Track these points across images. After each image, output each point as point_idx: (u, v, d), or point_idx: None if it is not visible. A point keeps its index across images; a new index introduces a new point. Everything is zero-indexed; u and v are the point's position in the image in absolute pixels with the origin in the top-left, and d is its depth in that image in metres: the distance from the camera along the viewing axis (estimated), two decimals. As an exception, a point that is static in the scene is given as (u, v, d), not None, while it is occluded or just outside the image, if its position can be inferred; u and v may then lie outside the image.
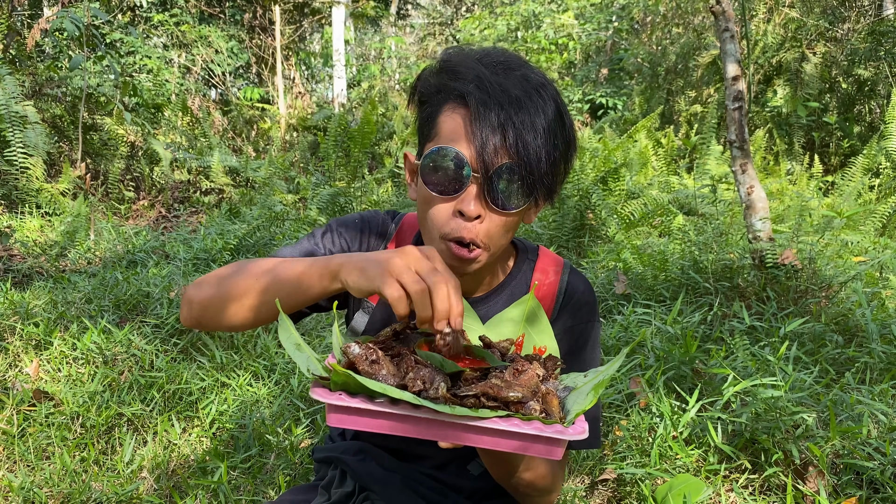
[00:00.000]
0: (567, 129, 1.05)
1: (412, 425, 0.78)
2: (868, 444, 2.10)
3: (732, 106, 3.31)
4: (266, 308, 1.05)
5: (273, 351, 3.05)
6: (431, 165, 1.02)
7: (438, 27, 19.58)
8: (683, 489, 2.00)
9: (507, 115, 0.97)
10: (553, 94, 1.03)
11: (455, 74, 1.03)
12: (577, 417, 0.82)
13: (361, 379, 0.77)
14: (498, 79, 1.00)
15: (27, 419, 2.46)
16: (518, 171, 0.99)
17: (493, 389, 0.79)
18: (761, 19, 9.21)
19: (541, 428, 0.78)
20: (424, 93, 1.09)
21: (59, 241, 4.95)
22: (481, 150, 0.97)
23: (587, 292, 1.24)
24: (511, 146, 0.97)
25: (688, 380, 2.63)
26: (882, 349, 2.74)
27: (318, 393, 0.79)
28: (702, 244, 3.82)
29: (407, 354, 0.86)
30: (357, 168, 7.63)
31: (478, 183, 1.00)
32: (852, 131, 8.32)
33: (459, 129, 1.01)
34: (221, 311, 1.07)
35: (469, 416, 0.76)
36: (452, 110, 1.03)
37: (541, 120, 0.99)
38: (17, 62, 6.76)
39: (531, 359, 0.96)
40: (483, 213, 1.02)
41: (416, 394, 0.78)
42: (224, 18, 12.73)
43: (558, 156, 1.03)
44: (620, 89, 11.76)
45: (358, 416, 0.78)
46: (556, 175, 1.04)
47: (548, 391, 0.86)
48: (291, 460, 2.32)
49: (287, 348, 0.86)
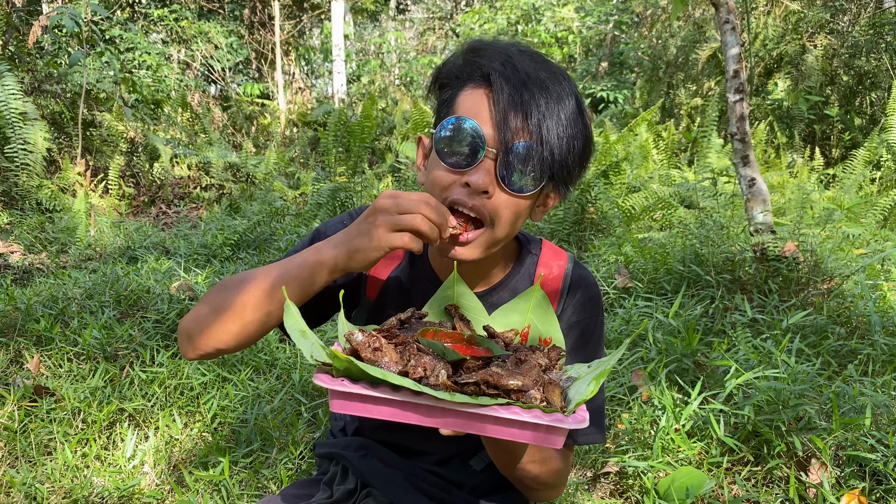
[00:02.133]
0: (586, 125, 1.03)
1: (412, 412, 0.78)
2: (871, 435, 2.09)
3: (733, 98, 3.29)
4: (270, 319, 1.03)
5: (274, 346, 3.04)
6: (447, 136, 0.99)
7: (438, 21, 19.53)
8: (686, 482, 2.00)
9: (532, 96, 0.96)
10: (573, 89, 1.02)
11: (482, 53, 1.02)
12: (578, 407, 0.82)
13: (363, 365, 0.77)
14: (525, 60, 0.99)
15: (29, 415, 2.46)
16: (536, 153, 0.96)
17: (493, 377, 0.79)
18: (762, 11, 9.18)
19: (540, 416, 0.77)
20: (447, 75, 1.07)
21: (59, 237, 4.95)
22: (502, 126, 0.95)
23: (592, 286, 1.23)
24: (533, 127, 0.95)
25: (690, 373, 2.63)
26: (884, 341, 2.73)
27: (321, 379, 0.80)
28: (703, 237, 3.81)
29: (410, 342, 0.86)
30: (357, 163, 7.62)
31: (493, 159, 0.98)
32: (853, 124, 8.30)
33: (480, 105, 0.99)
34: (221, 333, 1.04)
35: (468, 402, 0.76)
36: (474, 88, 1.01)
37: (564, 108, 0.98)
38: (16, 59, 6.74)
39: (535, 349, 0.96)
40: (491, 189, 0.98)
41: (416, 381, 0.79)
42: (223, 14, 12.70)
43: (576, 150, 1.01)
44: (621, 83, 11.73)
45: (359, 401, 0.79)
46: (572, 166, 1.02)
47: (550, 380, 0.86)
48: (293, 455, 2.32)
49: (292, 335, 0.87)
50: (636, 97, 10.76)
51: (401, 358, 0.83)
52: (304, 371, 2.83)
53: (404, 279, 1.23)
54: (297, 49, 13.48)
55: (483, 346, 0.91)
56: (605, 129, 8.57)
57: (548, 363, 0.92)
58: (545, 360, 0.91)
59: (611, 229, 4.69)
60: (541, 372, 0.87)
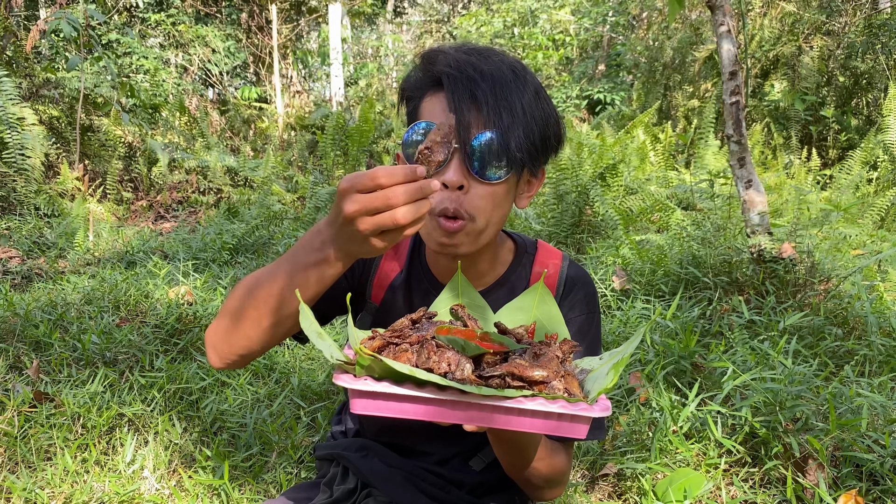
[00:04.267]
0: (544, 104, 1.08)
1: (437, 408, 0.78)
2: (867, 436, 2.10)
3: (730, 100, 3.31)
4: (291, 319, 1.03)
5: (273, 350, 3.05)
6: (412, 141, 1.05)
7: (435, 24, 19.56)
8: (684, 483, 2.01)
9: (482, 90, 1.01)
10: (531, 78, 1.07)
11: (432, 62, 1.07)
12: (600, 396, 0.82)
13: (388, 361, 0.77)
14: (472, 59, 1.04)
15: (28, 420, 2.47)
16: (496, 140, 1.02)
17: (517, 369, 0.80)
18: (758, 13, 9.21)
19: (566, 406, 0.78)
20: (409, 88, 1.13)
21: (57, 242, 4.95)
22: (458, 121, 1.00)
23: (587, 284, 1.26)
24: (486, 116, 1.01)
25: (687, 374, 2.64)
26: (881, 342, 2.74)
27: (343, 379, 0.79)
28: (700, 239, 3.82)
29: (428, 339, 0.86)
30: (355, 166, 7.63)
31: (458, 155, 1.02)
32: (850, 124, 8.32)
33: (438, 108, 1.05)
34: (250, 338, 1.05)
35: (496, 395, 0.77)
36: (432, 95, 1.07)
37: (518, 95, 1.03)
38: (14, 64, 6.75)
39: (546, 343, 0.96)
40: (466, 184, 1.03)
41: (442, 375, 0.78)
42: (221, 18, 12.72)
43: (536, 128, 1.05)
44: (618, 85, 11.76)
45: (384, 400, 0.78)
46: (534, 147, 1.06)
47: (568, 372, 0.87)
48: (293, 459, 2.33)
49: (310, 336, 0.86)
50: (633, 99, 10.78)
51: (418, 357, 0.83)
52: (303, 375, 2.83)
53: (406, 282, 1.26)
54: (295, 52, 13.50)
55: (497, 342, 0.92)
56: (603, 131, 8.58)
57: (562, 356, 0.93)
58: (560, 353, 0.92)
59: (608, 231, 4.71)
60: (559, 363, 0.88)
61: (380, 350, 0.87)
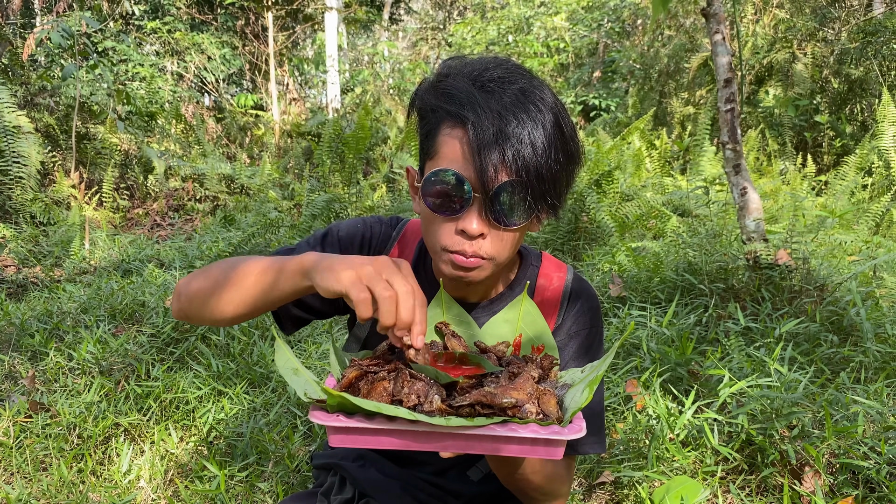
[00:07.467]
0: (567, 140, 1.03)
1: (411, 439, 0.79)
2: (863, 443, 2.11)
3: (725, 107, 3.32)
4: (245, 305, 1.07)
5: (269, 359, 3.04)
6: (433, 188, 1.02)
7: (430, 32, 19.60)
8: (681, 491, 2.01)
9: (503, 134, 0.96)
10: (551, 104, 1.01)
11: (449, 97, 1.02)
12: (575, 416, 0.83)
13: (355, 400, 0.78)
14: (491, 98, 0.99)
15: (24, 430, 2.46)
16: (519, 188, 0.98)
17: (486, 397, 0.80)
18: (750, 20, 9.26)
19: (537, 430, 0.78)
20: (422, 108, 1.08)
21: (53, 250, 4.94)
22: (480, 170, 0.97)
23: (591, 297, 1.25)
24: (510, 163, 0.96)
25: (684, 381, 2.64)
26: (877, 348, 2.75)
27: (317, 416, 0.80)
28: (696, 245, 3.83)
29: (403, 369, 0.87)
30: (352, 173, 7.63)
31: (479, 202, 0.99)
32: (844, 130, 8.36)
33: (458, 150, 1.00)
34: (205, 304, 1.10)
35: (465, 425, 0.77)
36: (451, 129, 1.02)
37: (539, 133, 0.98)
38: (10, 72, 6.75)
39: (528, 360, 0.97)
40: (486, 231, 1.01)
41: (411, 408, 0.80)
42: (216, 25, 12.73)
43: (559, 168, 1.01)
44: (613, 91, 11.80)
45: (358, 434, 0.79)
46: (557, 188, 1.03)
47: (544, 391, 0.87)
48: (289, 468, 2.32)
49: (284, 374, 0.87)
50: (629, 106, 10.82)
51: (394, 386, 0.84)
52: (300, 383, 2.82)
53: None
54: (291, 60, 13.52)
55: (475, 363, 0.92)
56: (598, 138, 8.61)
57: (541, 373, 0.94)
58: (538, 371, 0.92)
59: (604, 238, 4.71)
60: (535, 384, 0.88)
61: (358, 379, 0.88)
